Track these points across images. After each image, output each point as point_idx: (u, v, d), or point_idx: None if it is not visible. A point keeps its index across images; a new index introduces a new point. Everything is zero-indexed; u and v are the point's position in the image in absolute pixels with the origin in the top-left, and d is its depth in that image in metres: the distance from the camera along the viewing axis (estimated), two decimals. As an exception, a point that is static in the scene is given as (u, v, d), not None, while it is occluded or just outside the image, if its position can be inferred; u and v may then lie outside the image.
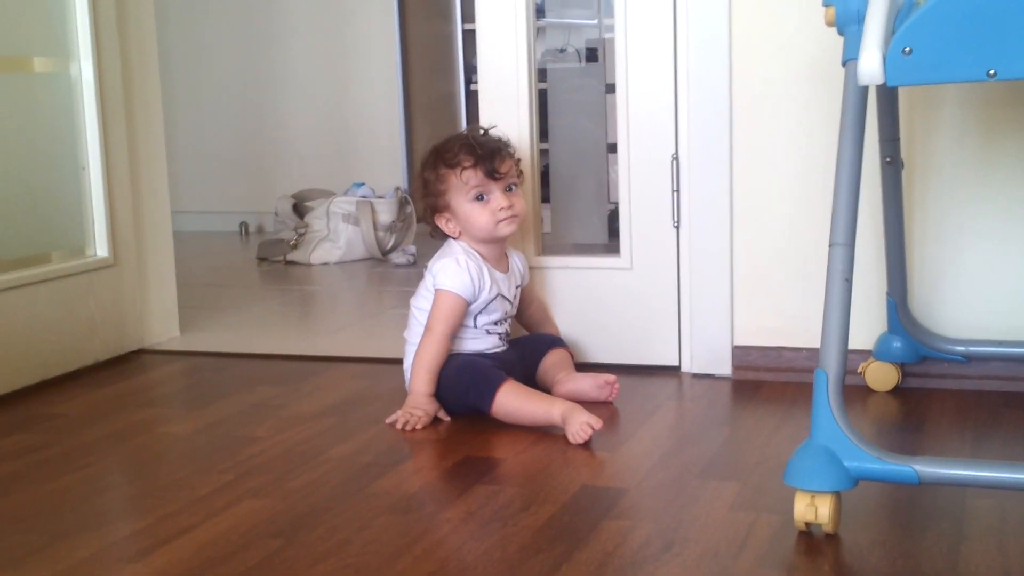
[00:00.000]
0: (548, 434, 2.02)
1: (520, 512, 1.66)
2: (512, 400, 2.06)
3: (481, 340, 2.21)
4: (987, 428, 2.01)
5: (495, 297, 2.20)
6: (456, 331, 2.17)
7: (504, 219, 2.17)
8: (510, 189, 2.20)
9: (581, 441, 1.95)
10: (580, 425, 1.96)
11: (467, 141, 2.19)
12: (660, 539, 1.55)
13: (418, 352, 2.15)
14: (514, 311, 2.29)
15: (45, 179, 2.64)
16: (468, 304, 2.17)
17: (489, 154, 2.17)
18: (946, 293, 2.24)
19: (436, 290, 2.17)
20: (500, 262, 2.25)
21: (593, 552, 1.51)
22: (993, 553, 1.47)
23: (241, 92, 5.36)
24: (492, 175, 2.16)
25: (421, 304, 2.20)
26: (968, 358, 2.19)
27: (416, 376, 2.13)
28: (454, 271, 2.16)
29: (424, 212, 2.26)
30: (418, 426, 2.06)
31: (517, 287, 2.29)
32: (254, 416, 2.20)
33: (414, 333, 2.20)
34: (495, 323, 2.22)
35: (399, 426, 2.06)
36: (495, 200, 2.17)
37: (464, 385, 2.10)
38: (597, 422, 1.97)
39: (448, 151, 2.19)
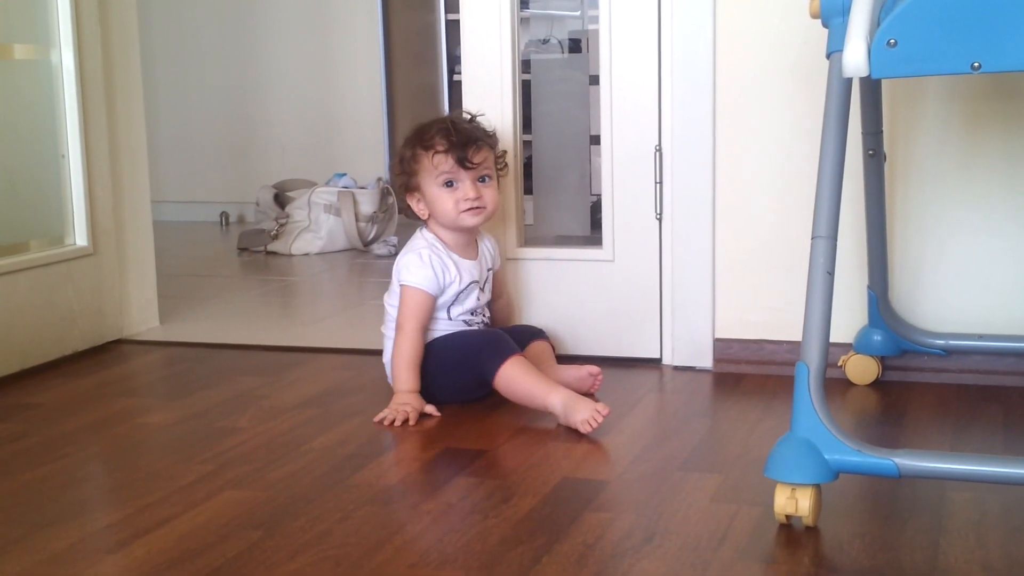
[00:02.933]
0: (529, 426, 2.02)
1: (501, 504, 1.66)
2: (519, 371, 2.06)
3: (458, 331, 2.20)
4: (966, 422, 2.02)
5: (466, 286, 2.19)
6: (426, 324, 2.16)
7: (467, 209, 2.16)
8: (483, 180, 2.19)
9: (590, 430, 1.95)
10: (591, 413, 1.96)
11: (446, 125, 2.18)
12: (641, 531, 1.55)
13: (395, 350, 2.14)
14: (488, 297, 2.28)
15: (24, 167, 2.63)
16: (434, 298, 2.16)
17: (464, 142, 2.15)
18: (926, 287, 2.25)
19: (401, 286, 2.16)
20: (468, 249, 2.24)
21: (574, 544, 1.51)
22: (972, 546, 1.48)
23: (223, 81, 5.34)
24: (463, 163, 2.15)
25: (392, 301, 2.20)
26: (948, 352, 2.20)
27: (398, 374, 2.12)
28: (416, 266, 2.15)
29: (399, 188, 2.26)
30: (411, 421, 2.04)
31: (489, 270, 2.28)
32: (235, 407, 2.19)
33: (390, 328, 2.19)
34: (471, 312, 2.21)
35: (387, 424, 2.04)
36: (463, 189, 2.16)
37: (476, 347, 2.10)
38: (605, 409, 1.97)
39: (426, 132, 2.19)
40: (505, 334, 2.17)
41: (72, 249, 2.65)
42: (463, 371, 2.12)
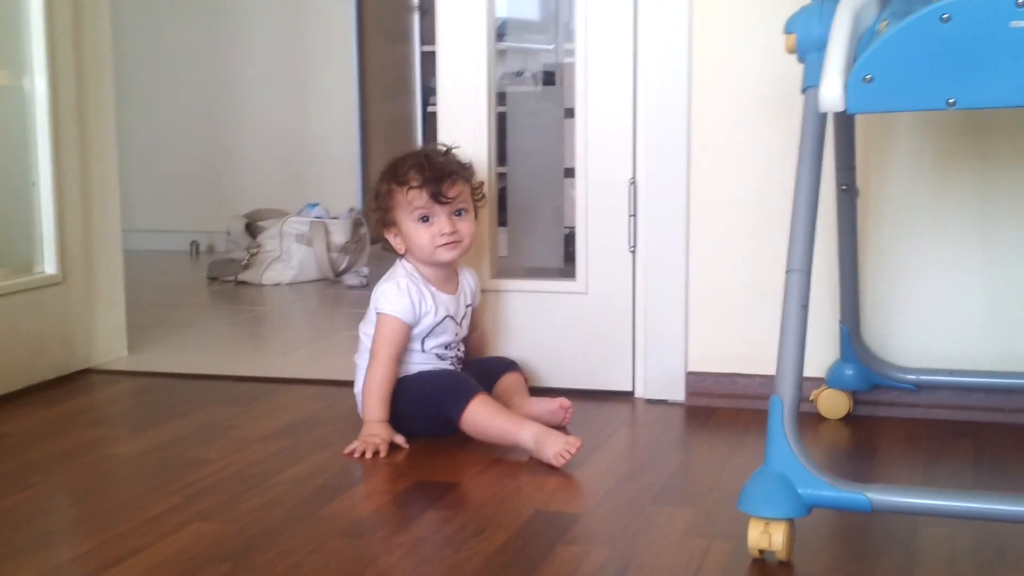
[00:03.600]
0: (502, 459, 2.01)
1: (473, 537, 1.65)
2: (484, 413, 2.04)
3: (431, 364, 2.19)
4: (937, 456, 2.02)
5: (442, 320, 2.18)
6: (400, 354, 2.15)
7: (443, 244, 2.15)
8: (459, 214, 2.18)
9: (562, 463, 1.94)
10: (563, 446, 1.95)
11: (419, 160, 2.17)
12: (615, 565, 1.54)
13: (367, 379, 2.13)
14: (465, 332, 2.27)
15: (-6, 194, 2.60)
16: (410, 328, 2.15)
17: (438, 177, 2.14)
18: (898, 322, 2.26)
19: (377, 314, 2.15)
20: (448, 283, 2.23)
21: (547, 578, 1.50)
22: (946, 581, 1.48)
23: (196, 110, 5.33)
24: (437, 199, 2.14)
25: (368, 330, 2.19)
26: (919, 387, 2.21)
27: (368, 404, 2.11)
28: (394, 294, 2.14)
29: (376, 224, 2.25)
30: (382, 453, 2.02)
31: (468, 306, 2.27)
32: (204, 437, 2.17)
33: (364, 358, 2.18)
34: (444, 347, 2.20)
35: (357, 455, 2.02)
36: (438, 224, 2.15)
37: (440, 392, 2.09)
38: (576, 441, 1.96)
39: (400, 167, 2.17)
40: (466, 375, 2.15)
41: (41, 277, 2.63)
42: (430, 413, 2.11)
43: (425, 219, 2.15)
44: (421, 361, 2.18)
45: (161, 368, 2.77)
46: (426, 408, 2.11)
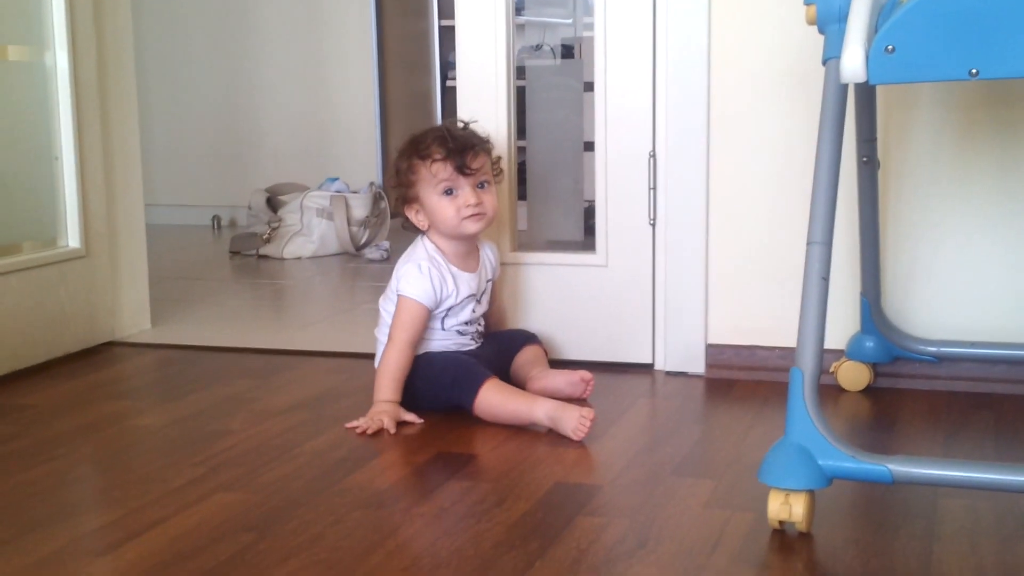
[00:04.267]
0: (522, 430, 2.02)
1: (493, 508, 1.65)
2: (495, 398, 2.05)
3: (452, 340, 2.20)
4: (958, 428, 2.02)
5: (462, 300, 2.19)
6: (419, 338, 2.15)
7: (469, 216, 2.14)
8: (482, 186, 2.17)
9: (582, 436, 1.95)
10: (578, 420, 1.95)
11: (441, 133, 2.16)
12: (634, 536, 1.55)
13: (382, 361, 2.13)
14: (486, 308, 2.27)
15: (18, 168, 2.62)
16: (430, 311, 2.15)
17: (461, 148, 2.14)
18: (919, 293, 2.25)
19: (398, 296, 2.15)
20: (468, 259, 2.22)
21: (567, 549, 1.51)
22: (966, 553, 1.48)
23: (217, 85, 5.33)
24: (462, 170, 2.14)
25: (388, 307, 2.19)
26: (939, 359, 2.20)
27: (380, 384, 2.10)
28: (416, 278, 2.14)
29: (396, 201, 2.24)
30: (390, 430, 2.02)
31: (488, 281, 2.27)
32: (227, 409, 2.19)
33: (383, 333, 2.18)
34: (465, 323, 2.21)
35: (359, 431, 2.02)
36: (463, 196, 2.14)
37: (448, 381, 2.09)
38: (590, 413, 1.96)
39: (422, 142, 2.16)
40: (474, 360, 2.14)
41: (65, 251, 2.65)
42: (441, 400, 2.11)
43: (449, 192, 2.15)
44: (441, 338, 2.19)
45: (184, 341, 2.79)
46: (439, 395, 2.11)
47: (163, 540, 1.56)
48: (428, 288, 2.13)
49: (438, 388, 2.10)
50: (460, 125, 2.23)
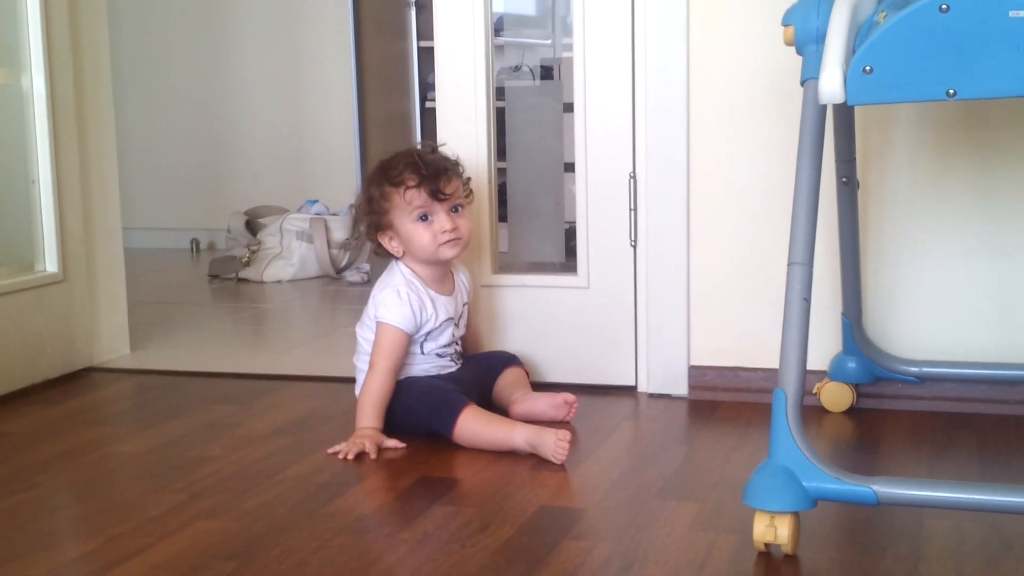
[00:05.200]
0: (505, 454, 2.01)
1: (478, 533, 1.64)
2: (473, 425, 2.04)
3: (432, 363, 2.19)
4: (941, 449, 2.02)
5: (441, 323, 2.18)
6: (400, 363, 2.14)
7: (446, 242, 2.13)
8: (455, 210, 2.16)
9: (563, 459, 1.94)
10: (556, 443, 1.94)
11: (413, 159, 2.14)
12: (620, 559, 1.54)
13: (364, 388, 2.12)
14: (463, 331, 2.26)
15: (-6, 193, 2.60)
16: (410, 337, 2.14)
17: (434, 174, 2.13)
18: (900, 314, 2.26)
19: (377, 323, 2.14)
20: (444, 283, 2.22)
21: (553, 573, 1.50)
22: (951, 573, 1.48)
23: (194, 107, 5.32)
24: (436, 196, 2.13)
25: (366, 334, 2.17)
26: (921, 379, 2.20)
27: (362, 412, 2.09)
28: (395, 304, 2.13)
29: (367, 229, 2.22)
30: (372, 455, 2.01)
31: (464, 304, 2.27)
32: (207, 435, 2.17)
33: (363, 361, 2.17)
34: (444, 346, 2.20)
35: (340, 456, 2.00)
36: (439, 222, 2.13)
37: (426, 409, 2.08)
38: (566, 435, 1.95)
39: (393, 168, 2.15)
40: (451, 387, 2.13)
41: (42, 276, 2.63)
42: (420, 427, 2.10)
43: (424, 218, 2.14)
44: (422, 362, 2.18)
45: (163, 366, 2.77)
46: (417, 424, 2.10)
47: (143, 569, 1.54)
48: (408, 313, 2.12)
49: (416, 417, 2.09)
50: (430, 149, 2.22)
